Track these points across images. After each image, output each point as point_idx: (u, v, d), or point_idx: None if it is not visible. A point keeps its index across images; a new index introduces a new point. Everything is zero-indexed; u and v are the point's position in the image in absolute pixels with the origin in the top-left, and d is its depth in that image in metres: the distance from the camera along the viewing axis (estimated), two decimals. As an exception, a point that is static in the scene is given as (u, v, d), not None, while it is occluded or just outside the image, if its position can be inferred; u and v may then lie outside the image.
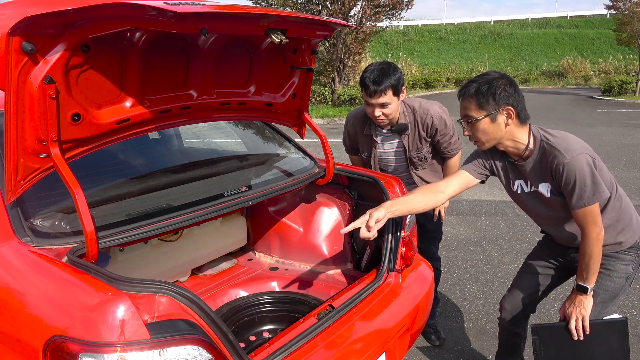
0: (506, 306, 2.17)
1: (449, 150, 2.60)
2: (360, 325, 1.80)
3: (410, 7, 16.43)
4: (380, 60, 3.01)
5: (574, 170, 1.68)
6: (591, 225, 1.73)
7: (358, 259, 2.45)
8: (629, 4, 20.17)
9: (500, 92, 1.72)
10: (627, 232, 1.87)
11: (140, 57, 1.57)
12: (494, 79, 1.75)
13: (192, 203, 1.85)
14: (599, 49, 33.72)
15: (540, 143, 1.78)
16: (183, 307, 1.33)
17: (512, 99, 1.74)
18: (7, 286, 1.36)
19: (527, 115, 1.80)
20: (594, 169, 1.70)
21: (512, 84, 1.75)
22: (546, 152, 1.76)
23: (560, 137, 1.77)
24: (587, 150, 1.74)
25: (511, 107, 1.74)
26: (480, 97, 1.74)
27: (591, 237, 1.73)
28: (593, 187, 1.69)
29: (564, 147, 1.72)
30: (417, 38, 38.49)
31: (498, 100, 1.73)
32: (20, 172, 1.42)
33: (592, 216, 1.72)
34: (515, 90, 1.75)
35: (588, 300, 1.81)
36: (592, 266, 1.76)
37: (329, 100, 16.19)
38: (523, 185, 1.91)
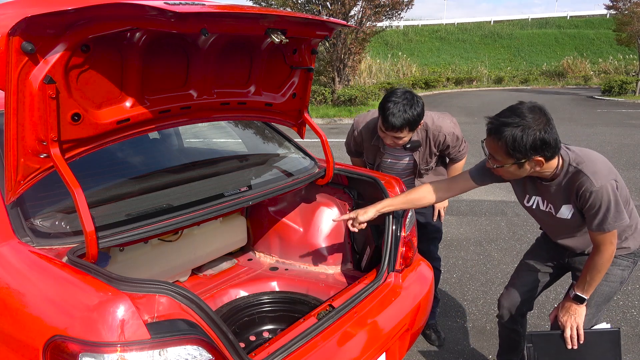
0: (504, 303, 2.18)
1: (456, 157, 2.61)
2: (360, 325, 1.80)
3: (410, 7, 16.42)
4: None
5: (600, 199, 1.66)
6: (608, 245, 1.73)
7: (358, 259, 2.45)
8: (629, 4, 20.17)
9: (532, 143, 1.59)
10: (631, 239, 1.88)
11: (140, 57, 1.57)
12: (528, 126, 1.58)
13: (192, 203, 1.85)
14: (599, 49, 33.71)
15: (568, 167, 1.72)
16: (183, 307, 1.33)
17: (543, 149, 1.61)
18: (7, 286, 1.36)
19: (557, 151, 1.68)
20: (618, 197, 1.68)
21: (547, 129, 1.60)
22: (573, 175, 1.71)
23: (587, 159, 1.70)
24: (613, 175, 1.70)
25: (541, 157, 1.64)
26: (511, 146, 1.61)
27: (605, 256, 1.73)
28: (616, 214, 1.67)
29: (592, 172, 1.67)
30: (417, 38, 38.48)
31: (529, 153, 1.62)
32: (21, 172, 1.42)
33: (611, 237, 1.72)
34: (550, 135, 1.61)
35: (582, 310, 1.82)
36: (596, 280, 1.78)
37: (329, 100, 16.18)
38: (540, 203, 1.90)
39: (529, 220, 4.99)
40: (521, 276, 2.17)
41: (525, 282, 2.15)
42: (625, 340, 2.86)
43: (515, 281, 2.18)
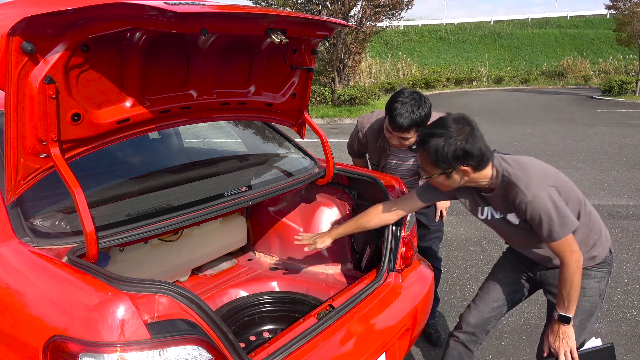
0: (470, 320, 2.00)
1: None
2: (360, 325, 1.80)
3: (410, 7, 16.42)
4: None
5: (538, 209, 1.63)
6: (568, 253, 1.66)
7: (358, 259, 2.45)
8: (629, 4, 20.17)
9: (455, 153, 1.62)
10: (599, 246, 1.82)
11: (140, 57, 1.57)
12: (451, 136, 1.62)
13: (192, 203, 1.85)
14: (599, 49, 33.71)
15: (502, 178, 1.71)
16: (183, 307, 1.33)
17: (467, 159, 1.64)
18: (7, 286, 1.36)
19: (487, 160, 1.69)
20: (558, 202, 1.64)
21: (469, 139, 1.63)
22: (508, 187, 1.69)
23: (520, 168, 1.68)
24: (550, 181, 1.67)
25: (466, 167, 1.66)
26: (434, 156, 1.66)
27: (572, 266, 1.66)
28: (560, 221, 1.63)
29: (525, 184, 1.64)
30: (417, 38, 38.48)
31: (452, 163, 1.65)
32: (21, 172, 1.42)
33: (567, 245, 1.66)
34: (473, 144, 1.63)
35: (571, 330, 1.73)
36: (574, 295, 1.68)
37: (329, 100, 16.18)
38: (493, 212, 1.84)
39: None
40: (491, 291, 2.01)
41: (495, 297, 2.00)
42: (626, 340, 2.86)
43: (484, 296, 2.02)
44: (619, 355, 2.71)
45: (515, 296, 2.02)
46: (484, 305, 2.00)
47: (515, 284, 2.00)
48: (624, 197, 5.76)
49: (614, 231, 4.62)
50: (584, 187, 6.19)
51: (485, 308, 2.00)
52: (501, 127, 11.84)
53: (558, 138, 9.94)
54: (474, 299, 2.06)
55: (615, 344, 2.78)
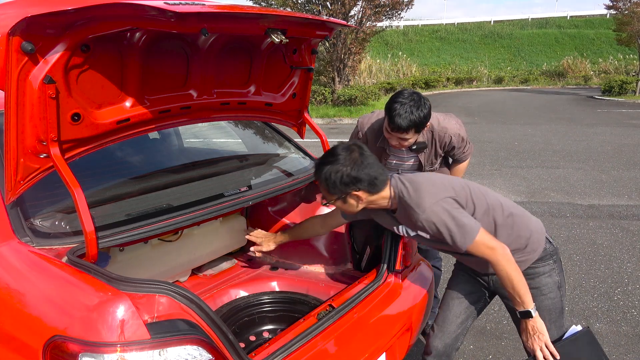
0: (438, 346, 1.95)
1: (460, 158, 2.61)
2: (360, 325, 1.80)
3: (410, 7, 16.42)
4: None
5: (433, 223, 1.66)
6: (488, 251, 1.67)
7: (358, 259, 2.45)
8: (629, 4, 20.18)
9: (342, 180, 1.69)
10: (532, 243, 1.80)
11: (140, 57, 1.57)
12: (340, 164, 1.69)
13: (192, 203, 1.85)
14: (599, 49, 33.71)
15: (399, 198, 1.75)
16: (183, 307, 1.33)
17: (357, 184, 1.70)
18: (7, 286, 1.36)
19: (381, 183, 1.74)
20: (453, 212, 1.66)
21: (354, 166, 1.69)
22: (405, 207, 1.74)
23: (413, 188, 1.72)
24: (444, 194, 1.70)
25: (357, 191, 1.72)
26: (325, 184, 1.74)
27: (499, 261, 1.66)
28: (460, 231, 1.65)
29: (415, 203, 1.69)
30: (417, 38, 38.49)
31: (342, 188, 1.71)
32: (20, 172, 1.42)
33: (483, 245, 1.67)
34: (360, 171, 1.69)
35: (539, 323, 1.70)
36: (520, 287, 1.66)
37: (329, 100, 16.18)
38: (408, 230, 1.85)
39: (529, 220, 4.98)
40: (452, 307, 1.97)
41: (457, 312, 1.96)
42: (626, 340, 2.86)
43: (446, 314, 1.97)
44: (619, 355, 2.71)
45: (477, 306, 1.99)
46: (448, 324, 1.96)
47: (473, 294, 1.97)
48: (624, 197, 5.76)
49: (613, 231, 4.63)
50: (584, 187, 6.19)
51: (450, 327, 1.96)
52: (501, 127, 11.84)
53: (558, 138, 9.94)
54: (436, 319, 2.01)
55: (615, 344, 2.79)
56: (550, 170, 7.13)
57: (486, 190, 1.85)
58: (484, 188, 1.86)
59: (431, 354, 1.96)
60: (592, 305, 3.28)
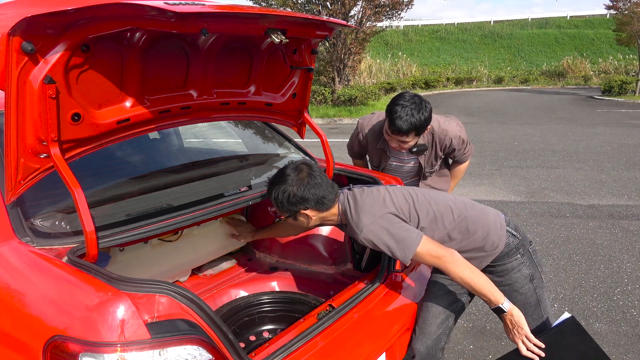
0: (421, 348, 1.92)
1: (460, 159, 2.61)
2: (360, 325, 1.80)
3: (410, 7, 16.43)
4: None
5: (371, 241, 1.72)
6: (434, 260, 1.69)
7: (358, 259, 2.45)
8: (628, 4, 20.18)
9: (289, 200, 1.76)
10: (493, 241, 1.80)
11: (140, 57, 1.57)
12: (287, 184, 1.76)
13: (192, 203, 1.85)
14: (598, 49, 33.73)
15: (345, 216, 1.81)
16: (183, 307, 1.33)
17: (304, 204, 1.76)
18: (7, 286, 1.36)
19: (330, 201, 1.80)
20: (390, 229, 1.70)
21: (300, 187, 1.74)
22: (349, 224, 1.80)
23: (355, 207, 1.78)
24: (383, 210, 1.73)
25: (305, 210, 1.78)
26: (275, 203, 1.81)
27: (447, 268, 1.68)
28: (399, 246, 1.68)
29: (355, 223, 1.75)
30: (417, 38, 38.50)
31: (291, 207, 1.78)
32: (21, 172, 1.42)
33: (428, 256, 1.69)
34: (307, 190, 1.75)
35: (516, 316, 1.68)
36: (481, 286, 1.67)
37: (329, 100, 16.18)
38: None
39: (528, 221, 4.99)
40: (430, 307, 1.95)
41: (436, 312, 1.94)
42: (626, 340, 2.86)
43: (425, 316, 1.95)
44: (619, 355, 2.71)
45: (456, 305, 1.97)
46: (428, 326, 1.94)
47: (451, 294, 1.96)
48: (624, 197, 5.76)
49: (613, 231, 4.63)
50: (584, 187, 6.19)
51: (430, 328, 1.93)
52: (501, 127, 11.84)
53: (558, 138, 9.94)
54: (416, 321, 1.98)
55: (615, 344, 2.79)
56: (550, 170, 7.13)
57: (435, 196, 1.86)
58: (433, 194, 1.88)
59: (415, 357, 1.94)
60: (592, 305, 3.28)
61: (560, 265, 3.89)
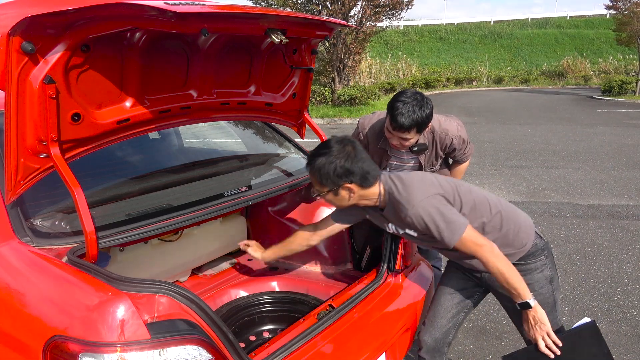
0: (428, 340, 1.96)
1: (461, 159, 2.60)
2: (360, 325, 1.80)
3: (410, 7, 16.43)
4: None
5: (421, 218, 1.68)
6: (475, 247, 1.69)
7: (358, 259, 2.45)
8: (628, 4, 20.17)
9: (335, 171, 1.71)
10: (522, 239, 1.82)
11: (140, 57, 1.57)
12: (334, 156, 1.72)
13: (192, 203, 1.85)
14: (598, 49, 33.72)
15: (388, 195, 1.78)
16: (183, 307, 1.33)
17: (349, 177, 1.72)
18: (7, 286, 1.36)
19: (373, 178, 1.77)
20: (442, 208, 1.68)
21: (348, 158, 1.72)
22: (394, 204, 1.76)
23: (402, 185, 1.75)
24: (433, 190, 1.72)
25: (349, 184, 1.74)
26: (318, 174, 1.75)
27: (487, 258, 1.68)
28: (449, 227, 1.67)
29: (406, 200, 1.71)
30: (417, 38, 38.49)
31: (335, 180, 1.73)
32: (21, 172, 1.42)
33: (471, 243, 1.68)
34: (354, 163, 1.72)
35: (540, 313, 1.71)
36: (514, 280, 1.67)
37: (329, 100, 16.18)
38: (395, 228, 1.87)
39: (529, 220, 4.98)
40: (443, 302, 1.98)
41: (448, 307, 1.97)
42: (625, 340, 2.86)
43: (437, 309, 1.98)
44: (619, 355, 2.71)
45: (468, 302, 1.99)
46: (438, 319, 1.97)
47: (465, 290, 1.97)
48: (624, 197, 5.76)
49: (613, 231, 4.63)
50: (584, 187, 6.19)
51: (440, 322, 1.96)
52: (501, 127, 11.84)
53: (558, 138, 9.94)
54: (427, 315, 2.02)
55: (615, 344, 2.79)
56: (550, 170, 7.13)
57: (473, 187, 1.86)
58: (471, 186, 1.87)
59: (422, 349, 1.98)
60: (592, 305, 3.28)
61: (561, 265, 3.89)
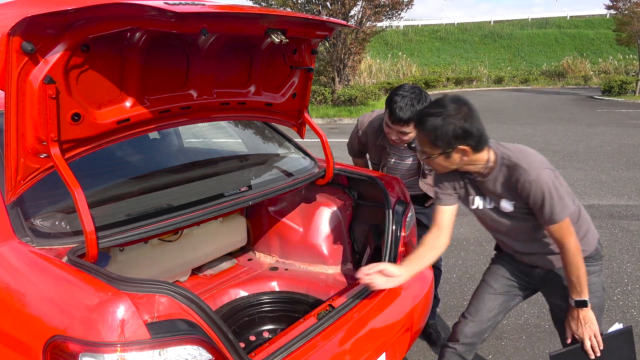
0: (467, 332, 1.96)
1: None
2: (360, 325, 1.80)
3: (410, 7, 16.43)
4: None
5: (541, 187, 1.64)
6: (569, 236, 1.68)
7: (358, 259, 2.45)
8: (628, 4, 20.16)
9: (454, 132, 1.61)
10: (590, 239, 1.84)
11: (140, 57, 1.57)
12: (449, 115, 1.61)
13: (192, 203, 1.85)
14: (598, 49, 33.70)
15: (502, 160, 1.72)
16: (183, 307, 1.33)
17: (467, 139, 1.63)
18: (7, 286, 1.36)
19: (485, 142, 1.69)
20: (556, 183, 1.66)
21: (467, 118, 1.62)
22: (509, 170, 1.70)
23: (520, 152, 1.71)
24: (548, 165, 1.70)
25: (465, 146, 1.65)
26: (433, 135, 1.64)
27: (572, 249, 1.68)
28: (560, 203, 1.65)
29: (526, 163, 1.66)
30: (417, 38, 38.48)
31: (451, 142, 1.63)
32: (21, 172, 1.42)
33: (567, 227, 1.68)
34: (472, 124, 1.63)
35: (590, 314, 1.74)
36: (582, 277, 1.70)
37: (329, 100, 16.18)
38: (482, 202, 1.85)
39: (529, 220, 4.98)
40: (486, 301, 1.98)
41: (490, 307, 1.97)
42: (625, 340, 2.86)
43: (480, 307, 1.98)
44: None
45: (510, 304, 2.00)
46: (480, 316, 1.97)
47: (510, 293, 1.98)
48: (624, 197, 5.76)
49: (613, 231, 4.62)
50: (584, 187, 6.19)
51: (482, 319, 1.97)
52: (501, 127, 11.84)
53: (558, 138, 9.94)
54: (468, 309, 2.02)
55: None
56: (550, 170, 7.13)
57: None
58: None
59: (458, 340, 1.97)
60: (592, 305, 3.28)
61: (560, 265, 3.89)
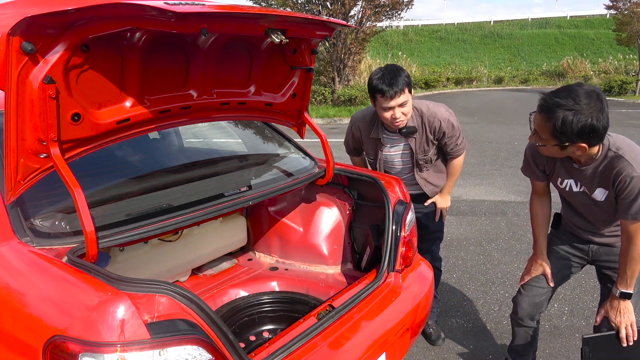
0: (523, 304, 2.15)
1: (454, 151, 2.61)
2: (360, 325, 1.80)
3: (410, 7, 16.43)
4: (382, 62, 3.03)
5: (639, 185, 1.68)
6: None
7: (358, 259, 2.45)
8: (628, 4, 20.18)
9: (580, 129, 1.57)
10: None
11: (140, 57, 1.57)
12: (581, 112, 1.55)
13: (192, 203, 1.85)
14: (598, 49, 33.71)
15: (607, 151, 1.72)
16: (183, 307, 1.33)
17: (589, 137, 1.60)
18: (7, 286, 1.36)
19: (602, 139, 1.68)
20: None
21: (598, 115, 1.57)
22: (612, 160, 1.71)
23: (627, 145, 1.73)
24: None
25: (586, 144, 1.63)
26: (558, 128, 1.60)
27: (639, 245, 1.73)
28: None
29: (632, 158, 1.68)
30: (417, 38, 38.49)
31: (574, 138, 1.60)
32: (21, 172, 1.42)
33: None
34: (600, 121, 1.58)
35: (630, 306, 1.83)
36: (636, 272, 1.78)
37: (329, 100, 16.18)
38: (573, 185, 1.91)
39: (529, 220, 4.98)
40: (541, 280, 2.15)
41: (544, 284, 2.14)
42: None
43: (536, 279, 2.15)
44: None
45: (566, 277, 2.17)
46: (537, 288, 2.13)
47: (567, 267, 2.13)
48: (624, 197, 5.75)
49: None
50: (584, 187, 6.18)
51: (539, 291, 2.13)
52: (501, 127, 11.84)
53: (558, 138, 9.93)
54: (527, 281, 2.18)
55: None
56: (550, 170, 7.12)
57: None
58: None
59: (518, 312, 2.16)
60: (592, 305, 3.28)
61: (560, 265, 3.89)
